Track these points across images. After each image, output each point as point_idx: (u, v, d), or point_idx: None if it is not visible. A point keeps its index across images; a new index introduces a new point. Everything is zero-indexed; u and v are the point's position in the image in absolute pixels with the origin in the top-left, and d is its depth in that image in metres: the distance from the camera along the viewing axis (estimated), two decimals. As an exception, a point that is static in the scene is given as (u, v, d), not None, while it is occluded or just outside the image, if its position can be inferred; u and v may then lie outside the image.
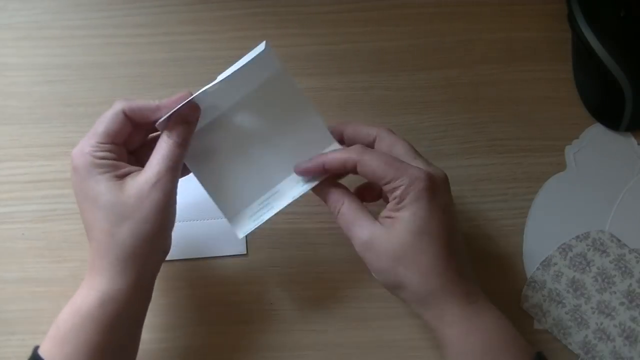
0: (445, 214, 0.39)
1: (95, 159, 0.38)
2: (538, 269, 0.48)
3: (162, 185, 0.38)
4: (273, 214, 0.42)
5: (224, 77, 0.39)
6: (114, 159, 0.39)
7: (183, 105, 0.39)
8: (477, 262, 0.48)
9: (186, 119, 0.39)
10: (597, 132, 0.50)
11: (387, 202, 0.40)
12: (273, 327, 0.47)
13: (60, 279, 0.48)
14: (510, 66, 0.51)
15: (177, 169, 0.39)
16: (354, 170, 0.39)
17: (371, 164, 0.38)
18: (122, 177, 0.38)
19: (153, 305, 0.46)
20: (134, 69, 0.50)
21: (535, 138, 0.50)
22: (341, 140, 0.42)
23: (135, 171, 0.39)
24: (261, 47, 0.38)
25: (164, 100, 0.39)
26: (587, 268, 0.47)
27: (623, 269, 0.47)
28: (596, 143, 0.50)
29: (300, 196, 0.42)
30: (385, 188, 0.39)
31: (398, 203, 0.38)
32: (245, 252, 0.48)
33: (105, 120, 0.39)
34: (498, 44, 0.51)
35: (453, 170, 0.49)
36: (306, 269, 0.48)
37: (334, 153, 0.40)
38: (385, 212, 0.39)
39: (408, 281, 0.38)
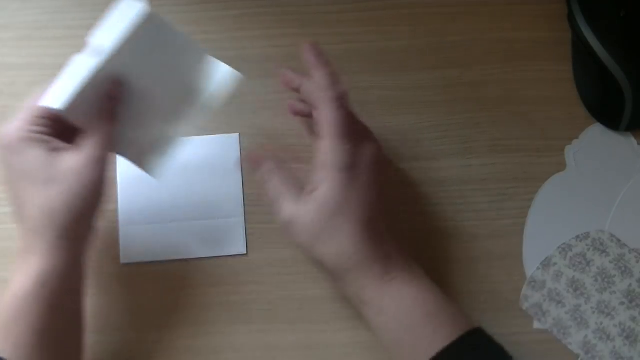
0: (368, 193, 0.39)
1: (31, 133, 0.38)
2: (538, 269, 0.48)
3: (99, 164, 0.39)
4: (175, 145, 0.43)
5: (112, 46, 0.39)
6: (50, 134, 0.39)
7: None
8: (477, 262, 0.48)
9: (112, 94, 0.40)
10: (597, 132, 0.50)
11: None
12: (273, 327, 0.47)
13: (60, 279, 0.48)
14: (510, 66, 0.51)
15: (110, 146, 0.40)
16: (323, 100, 0.40)
17: (335, 115, 0.39)
18: (55, 151, 0.38)
19: (153, 306, 0.46)
20: (134, 69, 0.50)
21: (535, 138, 0.50)
22: (296, 90, 0.43)
23: (68, 147, 0.39)
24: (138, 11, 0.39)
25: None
26: (587, 268, 0.47)
27: (623, 269, 0.47)
28: (596, 143, 0.50)
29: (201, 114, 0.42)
30: (317, 145, 0.39)
31: (319, 171, 0.39)
32: (245, 252, 0.48)
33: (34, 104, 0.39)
34: (498, 44, 0.51)
35: (453, 170, 0.49)
36: (306, 269, 0.48)
37: (324, 74, 0.41)
38: (310, 186, 0.39)
39: (325, 257, 0.39)
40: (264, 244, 0.48)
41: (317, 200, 0.38)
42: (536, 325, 0.47)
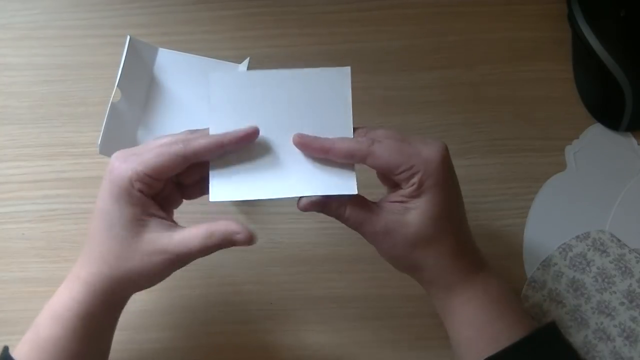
0: (457, 191, 0.39)
1: (133, 189, 0.36)
2: (538, 269, 0.48)
3: (171, 266, 0.38)
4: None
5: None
6: (148, 195, 0.37)
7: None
8: (477, 262, 0.48)
9: (233, 241, 0.37)
10: (597, 132, 0.50)
11: (393, 187, 0.39)
12: (273, 327, 0.47)
13: (60, 279, 0.47)
14: (510, 66, 0.51)
15: (194, 258, 0.38)
16: (361, 162, 0.37)
17: (382, 155, 0.37)
18: (146, 217, 0.37)
19: (153, 306, 0.46)
20: (133, 69, 0.50)
21: (535, 138, 0.50)
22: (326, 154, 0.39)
23: (159, 218, 0.37)
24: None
25: (227, 136, 0.37)
26: (587, 268, 0.47)
27: (623, 269, 0.47)
28: (596, 143, 0.50)
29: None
30: (400, 177, 0.37)
31: (417, 189, 0.37)
32: (356, 192, 0.38)
33: (161, 157, 0.36)
34: (498, 44, 0.51)
35: (453, 170, 0.49)
36: (306, 269, 0.48)
37: (342, 140, 0.37)
38: (394, 197, 0.38)
39: (423, 264, 0.38)
40: (265, 244, 0.48)
41: (420, 209, 0.37)
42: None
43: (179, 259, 0.37)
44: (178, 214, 0.43)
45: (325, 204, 0.38)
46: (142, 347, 0.47)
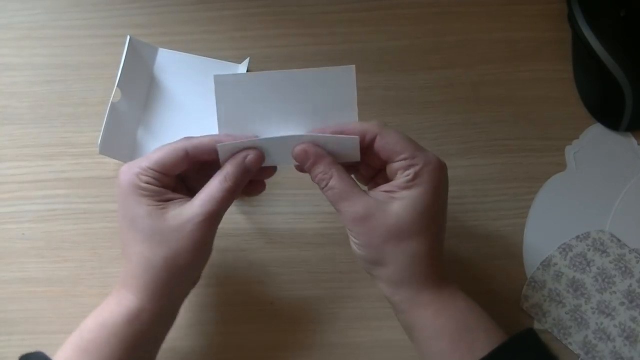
0: (445, 202, 0.39)
1: (140, 182, 0.37)
2: (538, 269, 0.48)
3: (205, 226, 0.37)
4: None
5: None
6: (158, 186, 0.38)
7: (250, 146, 0.38)
8: (477, 262, 0.48)
9: (248, 167, 0.38)
10: (597, 132, 0.50)
11: (382, 180, 0.39)
12: (273, 327, 0.47)
13: (60, 279, 0.48)
14: (510, 66, 0.51)
15: (223, 213, 0.38)
16: (369, 143, 0.38)
17: (391, 138, 0.38)
18: (164, 202, 0.38)
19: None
20: (133, 69, 0.50)
21: (535, 138, 0.50)
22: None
23: (178, 199, 0.38)
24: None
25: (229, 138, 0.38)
26: (587, 268, 0.47)
27: (623, 269, 0.47)
28: (596, 143, 0.50)
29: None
30: (398, 164, 0.37)
31: (411, 180, 0.37)
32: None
33: (164, 151, 0.38)
34: (498, 44, 0.51)
35: (453, 170, 0.49)
36: (306, 269, 0.48)
37: (354, 123, 0.39)
38: (383, 187, 0.38)
39: (392, 260, 0.37)
40: (264, 244, 0.48)
41: (406, 200, 0.37)
42: (536, 325, 0.47)
43: (210, 216, 0.37)
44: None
45: (317, 156, 0.38)
46: (142, 347, 0.47)
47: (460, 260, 0.48)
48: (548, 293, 0.47)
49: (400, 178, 0.37)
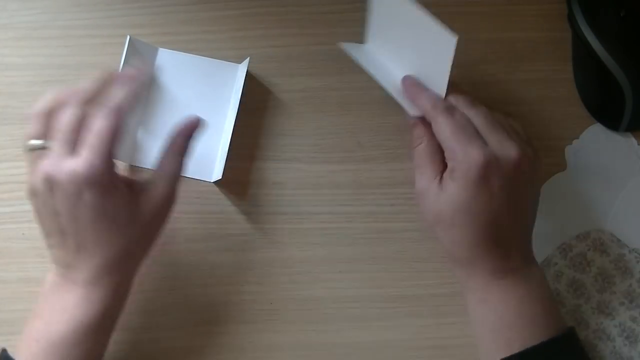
0: (499, 196, 0.39)
1: (112, 176, 0.37)
2: (538, 269, 0.48)
3: (172, 202, 0.40)
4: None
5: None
6: (118, 172, 0.38)
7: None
8: (477, 262, 0.48)
9: (190, 131, 0.41)
10: (597, 132, 0.50)
11: None
12: (273, 327, 0.47)
13: (60, 279, 0.48)
14: (510, 66, 0.51)
15: (179, 178, 0.41)
16: (428, 119, 0.41)
17: (439, 128, 0.40)
18: (133, 188, 0.39)
19: (153, 306, 0.46)
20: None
21: (535, 138, 0.49)
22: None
23: (133, 182, 0.40)
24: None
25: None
26: (587, 268, 0.47)
27: (623, 269, 0.47)
28: (596, 143, 0.50)
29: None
30: (445, 155, 0.40)
31: (450, 173, 0.39)
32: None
33: (119, 131, 0.38)
34: (498, 44, 0.51)
35: (453, 170, 0.49)
36: (306, 269, 0.48)
37: (429, 97, 0.42)
38: (447, 171, 0.40)
39: (442, 241, 0.41)
40: (265, 244, 0.48)
41: (445, 195, 0.39)
42: (536, 325, 0.47)
43: (174, 191, 0.41)
44: (177, 213, 0.43)
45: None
46: (142, 347, 0.47)
47: (460, 260, 0.48)
48: (548, 293, 0.47)
49: (448, 169, 0.40)
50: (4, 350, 0.40)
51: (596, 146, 0.50)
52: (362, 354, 0.47)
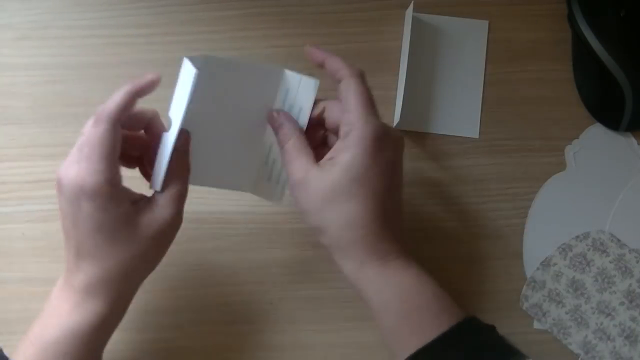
0: (389, 170, 0.38)
1: (113, 189, 0.36)
2: (538, 269, 0.48)
3: (178, 225, 0.39)
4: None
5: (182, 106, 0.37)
6: (122, 185, 0.37)
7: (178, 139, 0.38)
8: (477, 262, 0.48)
9: (184, 150, 0.39)
10: (597, 132, 0.50)
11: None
12: (273, 327, 0.47)
13: (60, 279, 0.48)
14: (510, 66, 0.51)
15: (184, 199, 0.39)
16: (338, 80, 0.40)
17: (355, 87, 0.38)
18: (136, 205, 0.38)
19: (153, 306, 0.46)
20: (133, 69, 0.50)
21: (535, 138, 0.50)
22: (321, 66, 0.42)
23: (139, 199, 0.38)
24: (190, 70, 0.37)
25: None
26: (587, 268, 0.47)
27: (623, 269, 0.47)
28: (596, 143, 0.50)
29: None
30: (342, 118, 0.39)
31: (343, 140, 0.38)
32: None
33: (110, 139, 0.36)
34: (498, 44, 0.51)
35: (453, 171, 0.49)
36: (306, 269, 0.48)
37: (338, 59, 0.40)
38: (328, 154, 0.39)
39: (331, 225, 0.38)
40: (264, 243, 0.48)
41: (339, 165, 0.37)
42: (536, 325, 0.47)
43: (179, 214, 0.39)
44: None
45: (286, 118, 0.41)
46: (142, 347, 0.47)
47: (460, 260, 0.48)
48: (548, 293, 0.47)
49: (339, 139, 0.38)
50: (0, 350, 0.40)
51: (596, 146, 0.50)
52: (362, 354, 0.47)
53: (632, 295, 0.47)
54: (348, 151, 0.37)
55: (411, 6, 0.49)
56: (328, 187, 0.37)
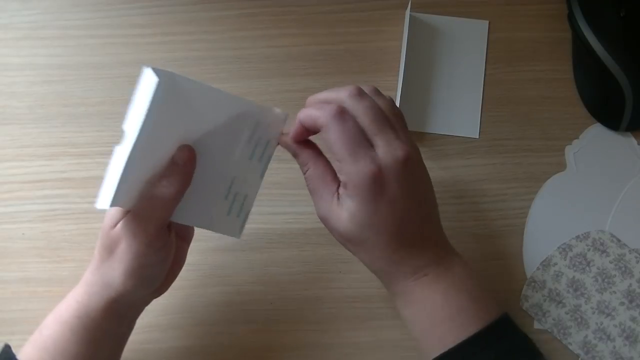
0: (399, 199, 0.37)
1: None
2: (538, 269, 0.48)
3: (182, 267, 0.42)
4: (251, 200, 0.40)
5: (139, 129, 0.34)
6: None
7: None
8: (477, 262, 0.48)
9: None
10: (597, 132, 0.50)
11: None
12: (273, 327, 0.47)
13: (60, 279, 0.48)
14: (510, 66, 0.51)
15: (165, 221, 0.38)
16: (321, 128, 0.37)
17: (329, 138, 0.36)
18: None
19: (153, 306, 0.46)
20: (132, 69, 0.50)
21: (535, 138, 0.50)
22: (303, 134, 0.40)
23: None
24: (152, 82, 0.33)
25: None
26: (587, 268, 0.47)
27: (623, 269, 0.47)
28: (596, 143, 0.50)
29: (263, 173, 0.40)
30: (336, 169, 0.38)
31: (344, 188, 0.37)
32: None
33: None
34: (498, 44, 0.51)
35: (453, 171, 0.49)
36: (306, 269, 0.48)
37: (309, 109, 0.38)
38: (341, 188, 0.38)
39: (358, 257, 0.39)
40: (264, 244, 0.48)
41: (347, 212, 0.37)
42: (536, 325, 0.47)
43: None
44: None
45: (301, 146, 0.39)
46: (142, 347, 0.47)
47: (460, 260, 0.48)
48: (548, 293, 0.47)
49: (342, 187, 0.37)
50: (7, 346, 0.40)
51: (596, 146, 0.50)
52: (362, 354, 0.47)
53: (632, 295, 0.47)
54: (350, 200, 0.37)
55: (409, 6, 0.49)
56: (343, 230, 0.38)
